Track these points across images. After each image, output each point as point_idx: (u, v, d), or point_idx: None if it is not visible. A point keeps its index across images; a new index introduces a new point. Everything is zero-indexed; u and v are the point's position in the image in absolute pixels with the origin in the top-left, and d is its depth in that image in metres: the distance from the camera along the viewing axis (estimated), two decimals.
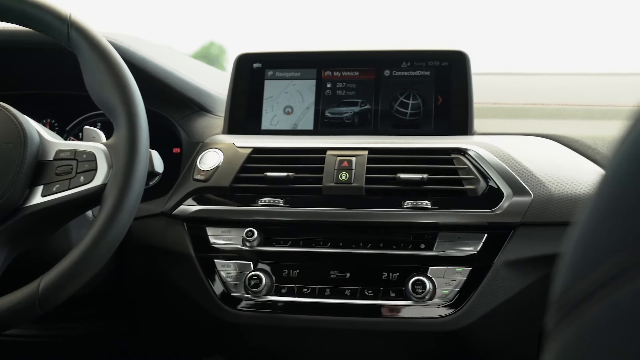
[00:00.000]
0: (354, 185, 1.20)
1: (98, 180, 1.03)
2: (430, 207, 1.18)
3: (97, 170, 1.03)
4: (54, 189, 1.03)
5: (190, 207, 1.26)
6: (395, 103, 1.33)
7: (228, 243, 1.23)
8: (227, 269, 1.22)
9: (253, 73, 1.39)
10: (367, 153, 1.23)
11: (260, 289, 1.19)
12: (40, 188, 1.04)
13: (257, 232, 1.21)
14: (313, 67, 1.38)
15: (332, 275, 1.20)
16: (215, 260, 1.23)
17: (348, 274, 1.19)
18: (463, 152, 1.21)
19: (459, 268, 1.16)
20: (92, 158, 1.05)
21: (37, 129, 1.08)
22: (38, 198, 1.03)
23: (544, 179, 1.18)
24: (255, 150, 1.27)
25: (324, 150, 1.24)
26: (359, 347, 1.26)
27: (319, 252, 1.21)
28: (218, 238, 1.24)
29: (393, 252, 1.18)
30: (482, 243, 1.16)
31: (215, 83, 1.52)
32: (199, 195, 1.26)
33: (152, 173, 1.09)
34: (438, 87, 1.32)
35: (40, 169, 1.05)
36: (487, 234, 1.16)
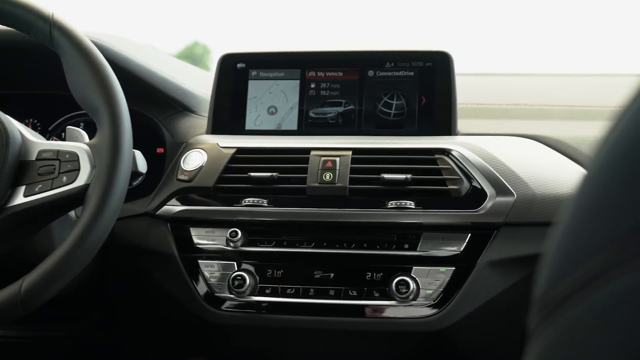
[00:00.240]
0: (338, 186, 1.20)
1: (81, 181, 1.02)
2: (414, 207, 1.18)
3: (79, 171, 1.03)
4: (37, 189, 1.03)
5: (174, 207, 1.26)
6: (379, 103, 1.33)
7: (212, 243, 1.23)
8: (210, 269, 1.22)
9: (237, 73, 1.38)
10: (351, 153, 1.23)
11: (244, 289, 1.19)
12: (23, 188, 1.03)
13: (241, 232, 1.21)
14: (297, 67, 1.37)
15: (316, 276, 1.20)
16: (199, 261, 1.23)
17: (332, 274, 1.19)
18: (447, 152, 1.21)
19: (443, 268, 1.16)
20: (74, 158, 1.04)
21: (19, 129, 1.08)
22: (20, 198, 1.03)
23: (527, 179, 1.18)
24: (239, 151, 1.27)
25: (308, 151, 1.24)
26: (343, 347, 1.26)
27: (303, 252, 1.20)
28: (202, 238, 1.23)
29: (377, 252, 1.18)
30: (465, 243, 1.16)
31: (199, 83, 1.51)
32: (183, 196, 1.26)
33: (135, 173, 1.09)
34: (422, 87, 1.32)
35: (23, 169, 1.05)
36: (470, 234, 1.17)
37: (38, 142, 1.08)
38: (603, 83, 1.68)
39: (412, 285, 1.15)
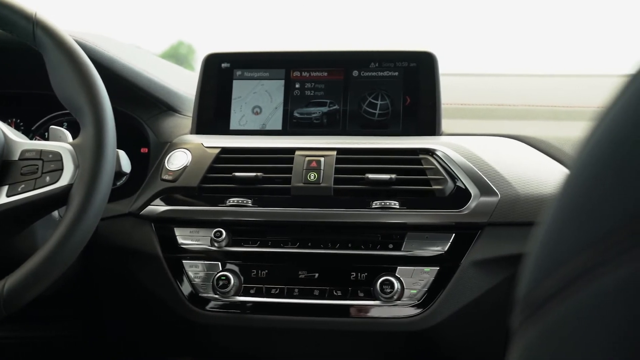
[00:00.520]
0: (323, 186, 1.20)
1: (64, 180, 1.02)
2: (399, 207, 1.18)
3: (63, 170, 1.02)
4: (19, 189, 1.02)
5: (158, 207, 1.25)
6: (364, 103, 1.33)
7: (196, 243, 1.22)
8: (195, 270, 1.22)
9: (221, 73, 1.38)
10: (335, 153, 1.23)
11: (229, 290, 1.18)
12: (5, 188, 1.03)
13: (225, 232, 1.21)
14: (282, 67, 1.37)
15: (300, 276, 1.19)
16: (183, 261, 1.22)
17: (317, 274, 1.19)
18: (431, 152, 1.21)
19: (427, 268, 1.16)
20: (58, 158, 1.03)
21: (1, 129, 1.07)
22: (3, 198, 1.02)
23: (511, 179, 1.19)
24: (224, 151, 1.27)
25: (293, 151, 1.24)
26: (328, 347, 1.26)
27: (288, 252, 1.20)
28: (186, 238, 1.23)
29: (361, 252, 1.18)
30: (449, 243, 1.17)
31: (184, 83, 1.51)
32: (167, 196, 1.25)
33: (119, 173, 1.08)
34: (406, 87, 1.32)
35: (5, 169, 1.04)
36: (454, 234, 1.17)
37: (21, 141, 1.08)
38: (586, 84, 1.69)
39: (396, 285, 1.15)
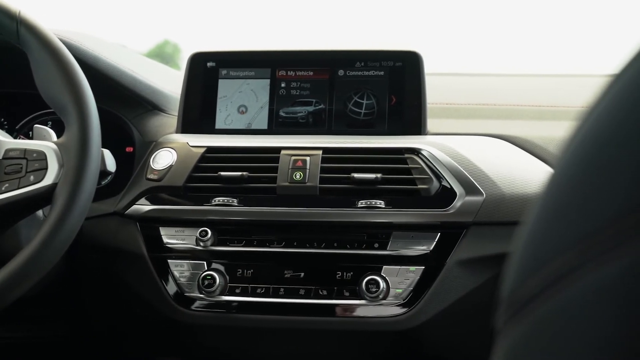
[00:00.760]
0: (308, 185, 1.20)
1: (49, 180, 1.01)
2: (384, 206, 1.18)
3: (47, 170, 1.02)
4: (3, 189, 1.01)
5: (143, 206, 1.25)
6: (350, 103, 1.33)
7: (181, 243, 1.22)
8: (180, 269, 1.21)
9: (207, 72, 1.38)
10: (321, 152, 1.23)
11: (214, 289, 1.18)
12: None
13: (211, 231, 1.20)
14: (267, 66, 1.37)
15: (286, 275, 1.19)
16: (169, 260, 1.22)
17: (302, 274, 1.19)
18: (416, 152, 1.22)
19: (413, 267, 1.16)
20: (42, 157, 1.03)
21: None
22: None
23: (496, 179, 1.19)
24: (209, 150, 1.27)
25: (278, 150, 1.24)
26: (313, 346, 1.26)
27: (273, 251, 1.20)
28: (171, 238, 1.23)
29: (347, 251, 1.18)
30: (435, 242, 1.17)
31: (170, 82, 1.50)
32: (152, 195, 1.25)
33: (104, 172, 1.08)
34: (392, 87, 1.33)
35: None
36: (440, 234, 1.17)
37: (5, 140, 1.07)
38: (570, 83, 1.69)
39: (382, 285, 1.15)
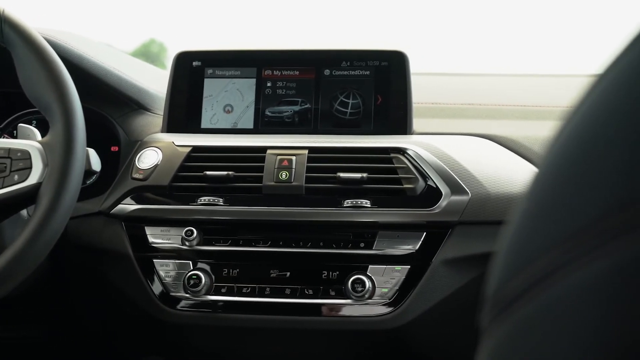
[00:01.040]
0: (294, 184, 1.20)
1: (33, 179, 1.01)
2: (370, 206, 1.18)
3: (32, 169, 1.01)
4: None
5: (129, 206, 1.24)
6: (336, 102, 1.33)
7: (167, 242, 1.22)
8: (166, 269, 1.21)
9: (192, 71, 1.38)
10: (307, 152, 1.23)
11: (200, 289, 1.18)
12: None
13: (196, 231, 1.20)
14: (253, 65, 1.37)
15: (272, 275, 1.19)
16: (154, 260, 1.22)
17: (288, 273, 1.19)
18: (402, 151, 1.22)
19: (398, 267, 1.17)
20: (26, 156, 1.02)
21: None
22: None
23: (481, 178, 1.19)
24: (195, 149, 1.26)
25: (264, 149, 1.24)
26: (299, 346, 1.26)
27: (259, 251, 1.20)
28: (157, 237, 1.22)
29: (333, 251, 1.18)
30: (420, 242, 1.17)
31: (155, 81, 1.50)
32: (138, 194, 1.25)
33: (88, 172, 1.07)
34: (378, 86, 1.33)
35: None
36: (425, 233, 1.17)
37: None
38: (555, 83, 1.70)
39: (367, 284, 1.15)
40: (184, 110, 1.36)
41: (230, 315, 1.19)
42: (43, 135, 1.08)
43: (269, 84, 1.36)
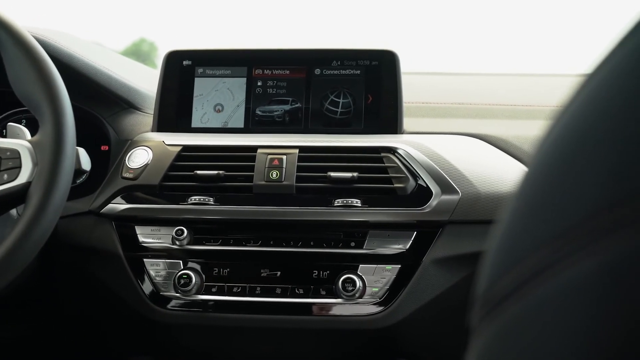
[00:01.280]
0: (285, 184, 1.20)
1: (22, 178, 1.00)
2: (360, 205, 1.18)
3: (21, 168, 1.01)
4: None
5: (119, 205, 1.24)
6: (326, 102, 1.33)
7: (157, 242, 1.22)
8: (156, 268, 1.21)
9: (183, 70, 1.37)
10: (297, 151, 1.23)
11: (190, 288, 1.18)
12: None
13: (187, 230, 1.20)
14: (243, 65, 1.37)
15: (262, 274, 1.19)
16: (145, 260, 1.21)
17: (279, 273, 1.19)
18: (393, 150, 1.22)
19: (389, 266, 1.17)
20: (16, 155, 1.02)
21: None
22: None
23: (472, 178, 1.20)
24: (185, 148, 1.26)
25: (255, 149, 1.24)
26: (290, 345, 1.26)
27: (250, 250, 1.20)
28: (147, 237, 1.22)
29: (323, 250, 1.18)
30: (411, 241, 1.17)
31: (146, 80, 1.50)
32: (128, 194, 1.24)
33: (78, 171, 1.07)
34: (368, 86, 1.33)
35: None
36: (416, 232, 1.17)
37: None
38: (545, 83, 1.71)
39: (358, 283, 1.15)
40: (175, 110, 1.36)
41: (221, 315, 1.19)
42: (33, 135, 1.07)
43: (260, 83, 1.35)
